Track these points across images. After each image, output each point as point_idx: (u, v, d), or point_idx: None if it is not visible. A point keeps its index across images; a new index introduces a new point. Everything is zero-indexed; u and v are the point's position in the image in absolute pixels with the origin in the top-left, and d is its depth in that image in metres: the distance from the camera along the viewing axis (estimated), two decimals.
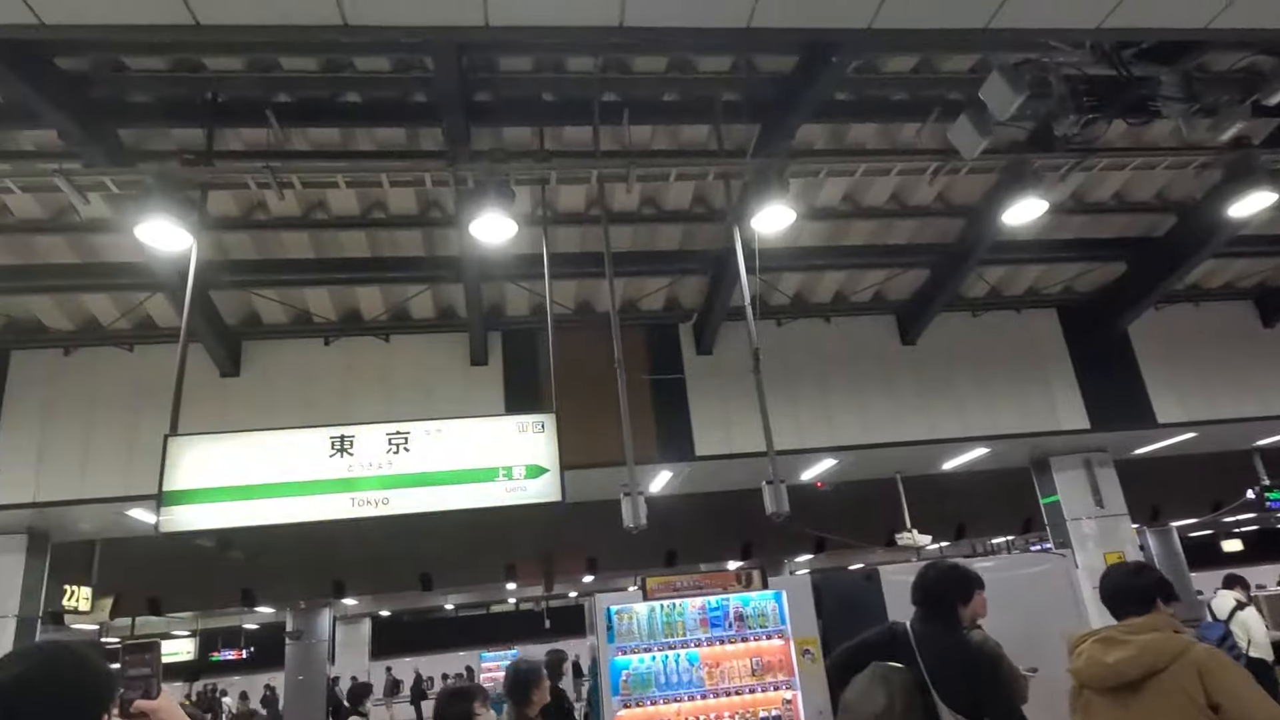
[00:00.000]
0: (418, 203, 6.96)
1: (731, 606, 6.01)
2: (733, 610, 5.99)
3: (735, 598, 6.01)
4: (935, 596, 3.06)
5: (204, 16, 2.54)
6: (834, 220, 7.83)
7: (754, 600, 6.07)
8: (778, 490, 5.29)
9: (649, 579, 5.92)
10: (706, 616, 5.94)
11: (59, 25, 2.51)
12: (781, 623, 6.08)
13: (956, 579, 3.12)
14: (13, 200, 6.35)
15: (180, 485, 4.73)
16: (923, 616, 3.03)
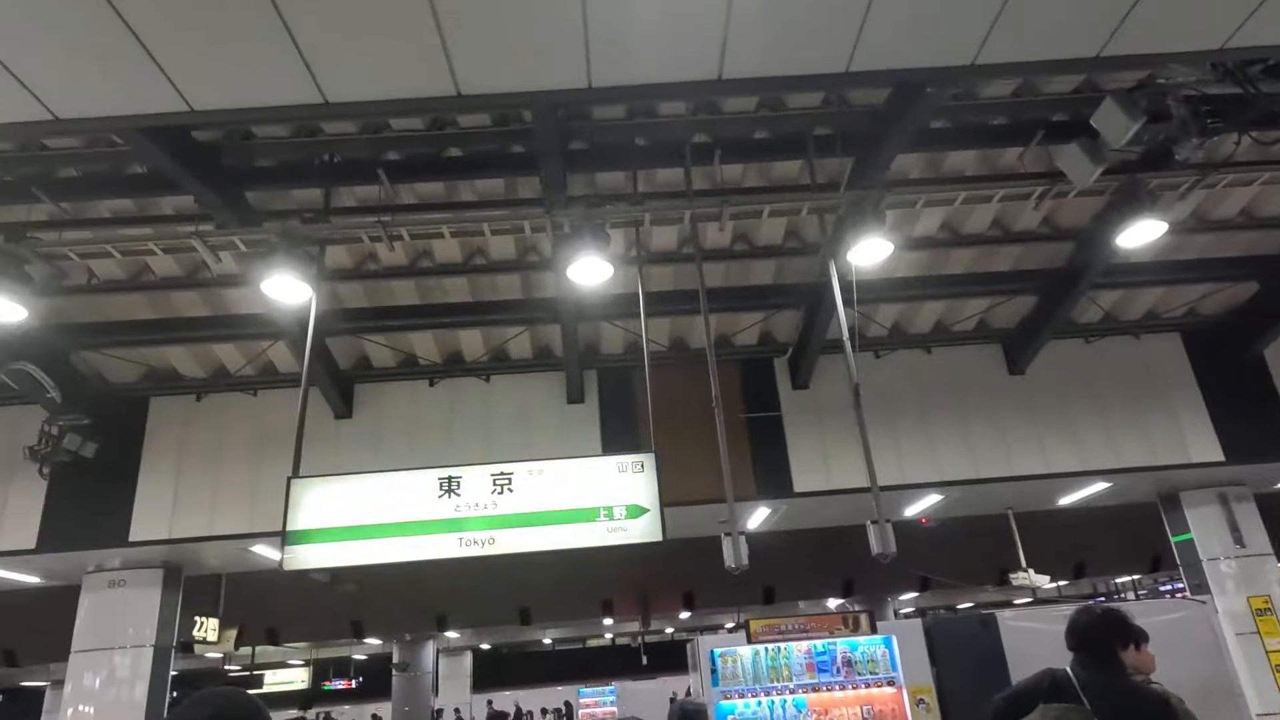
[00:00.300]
0: (516, 248, 7.20)
1: (839, 651, 5.83)
2: (840, 655, 5.81)
3: (843, 642, 5.84)
4: (1092, 641, 2.91)
5: (332, 95, 2.76)
6: (932, 249, 7.64)
7: (863, 645, 5.87)
8: (883, 530, 5.13)
9: (752, 621, 5.83)
10: (813, 661, 5.79)
11: (206, 110, 2.78)
12: (893, 669, 5.86)
13: (1113, 623, 2.97)
14: (154, 260, 6.93)
15: (301, 525, 4.99)
16: (1083, 662, 2.90)
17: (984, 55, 2.96)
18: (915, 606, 22.16)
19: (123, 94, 2.72)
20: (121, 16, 2.38)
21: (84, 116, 2.81)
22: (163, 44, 2.50)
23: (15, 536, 7.82)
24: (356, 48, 2.66)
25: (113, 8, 2.36)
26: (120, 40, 2.47)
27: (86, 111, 2.78)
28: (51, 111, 2.70)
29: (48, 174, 6.01)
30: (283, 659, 24.78)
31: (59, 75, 2.59)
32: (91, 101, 2.75)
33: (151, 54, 2.51)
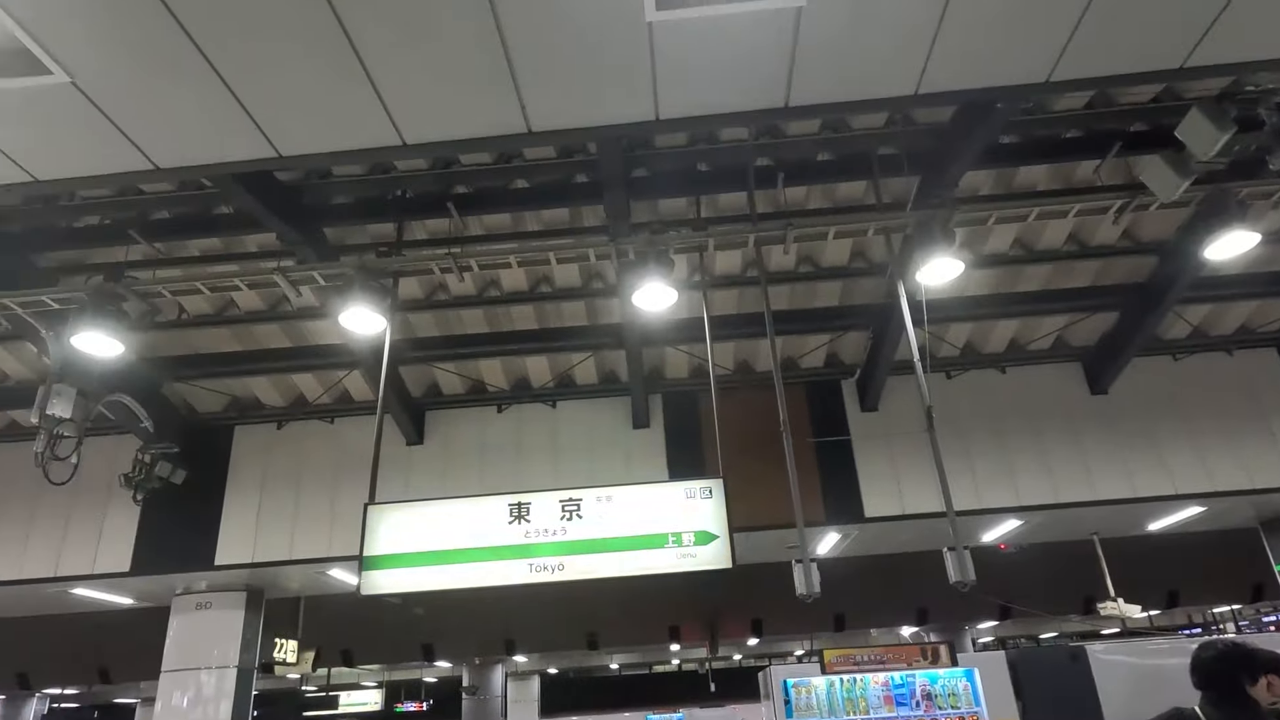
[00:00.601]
0: (581, 275, 7.30)
1: (918, 684, 5.63)
2: (920, 688, 5.61)
3: (922, 674, 5.64)
4: (1219, 678, 2.77)
5: (410, 138, 2.88)
6: (1005, 266, 7.44)
7: (943, 678, 5.66)
8: (961, 557, 4.96)
9: (827, 651, 5.68)
10: (891, 694, 5.61)
11: (293, 156, 2.94)
12: (975, 704, 5.63)
13: (1240, 658, 2.82)
14: (239, 295, 7.27)
15: (377, 551, 5.11)
16: (1212, 700, 2.76)
17: (1060, 72, 2.89)
18: (994, 636, 21.30)
19: (218, 143, 2.90)
20: (217, 71, 2.54)
21: (182, 165, 3.00)
22: (255, 96, 2.66)
23: (111, 559, 8.22)
24: (433, 93, 2.77)
25: (210, 65, 2.52)
26: (217, 94, 2.64)
27: (185, 161, 2.97)
28: (153, 162, 2.90)
29: (143, 217, 6.38)
30: (357, 680, 25.28)
31: (161, 129, 2.78)
32: (190, 151, 2.94)
33: (245, 106, 2.67)
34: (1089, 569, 10.05)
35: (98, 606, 9.89)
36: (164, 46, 2.49)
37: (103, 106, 2.71)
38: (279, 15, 2.47)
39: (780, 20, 2.63)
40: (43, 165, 3.04)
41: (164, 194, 6.15)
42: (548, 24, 2.55)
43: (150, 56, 2.53)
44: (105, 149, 2.86)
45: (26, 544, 8.37)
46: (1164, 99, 5.84)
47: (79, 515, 8.43)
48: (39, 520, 8.45)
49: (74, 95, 2.67)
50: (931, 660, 5.63)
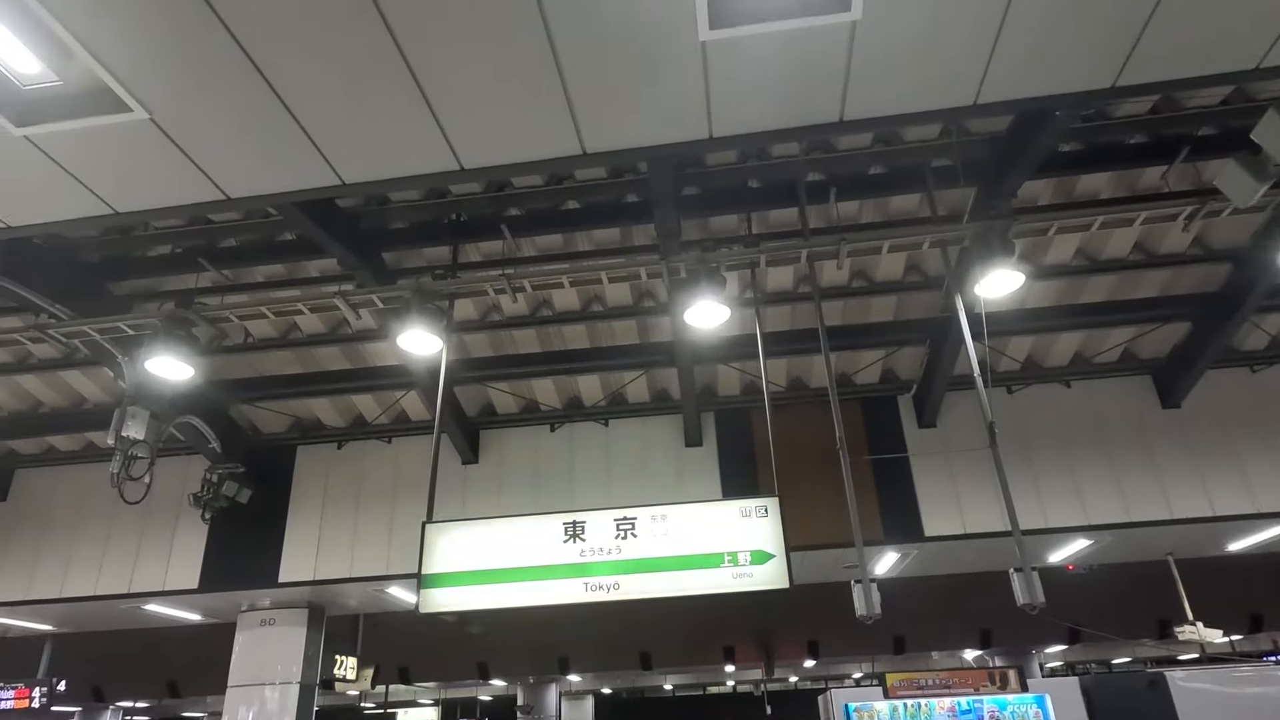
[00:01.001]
0: (632, 294, 7.33)
1: (986, 710, 5.43)
2: (988, 714, 5.42)
3: (990, 700, 5.43)
4: None
5: (468, 162, 2.94)
6: (1067, 277, 7.23)
7: (1012, 704, 5.45)
8: (1029, 578, 4.79)
9: (889, 674, 5.53)
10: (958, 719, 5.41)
11: (356, 183, 3.04)
12: None
13: None
14: (302, 319, 7.49)
15: (436, 569, 5.18)
16: None
17: (1126, 76, 2.80)
18: (1062, 661, 20.49)
19: (286, 173, 3.02)
20: (285, 105, 2.64)
21: (252, 195, 3.13)
22: (320, 127, 2.76)
23: (181, 577, 8.49)
24: (490, 118, 2.83)
25: (278, 98, 2.62)
26: (284, 126, 2.74)
27: (254, 190, 3.10)
28: (224, 192, 3.02)
29: (211, 245, 6.63)
30: (413, 698, 25.54)
31: (232, 161, 2.90)
32: (259, 181, 3.06)
33: (311, 137, 2.77)
34: (1164, 591, 9.60)
35: (167, 622, 10.20)
36: (236, 82, 2.61)
37: (178, 141, 2.84)
38: (343, 48, 2.56)
39: (834, 34, 2.62)
40: (122, 198, 3.20)
41: (231, 223, 6.40)
42: (602, 48, 2.59)
43: (223, 92, 2.66)
44: (180, 181, 3.00)
45: (103, 561, 8.70)
46: (1234, 100, 5.64)
47: (151, 534, 8.74)
48: (114, 538, 8.78)
49: (152, 131, 2.81)
50: (1000, 685, 5.42)
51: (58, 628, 10.45)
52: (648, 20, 2.52)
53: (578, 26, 2.50)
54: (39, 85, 2.81)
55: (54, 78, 2.78)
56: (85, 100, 2.76)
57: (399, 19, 2.51)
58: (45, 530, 8.94)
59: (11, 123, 2.85)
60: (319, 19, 2.51)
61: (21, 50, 2.62)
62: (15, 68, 2.73)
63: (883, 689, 5.50)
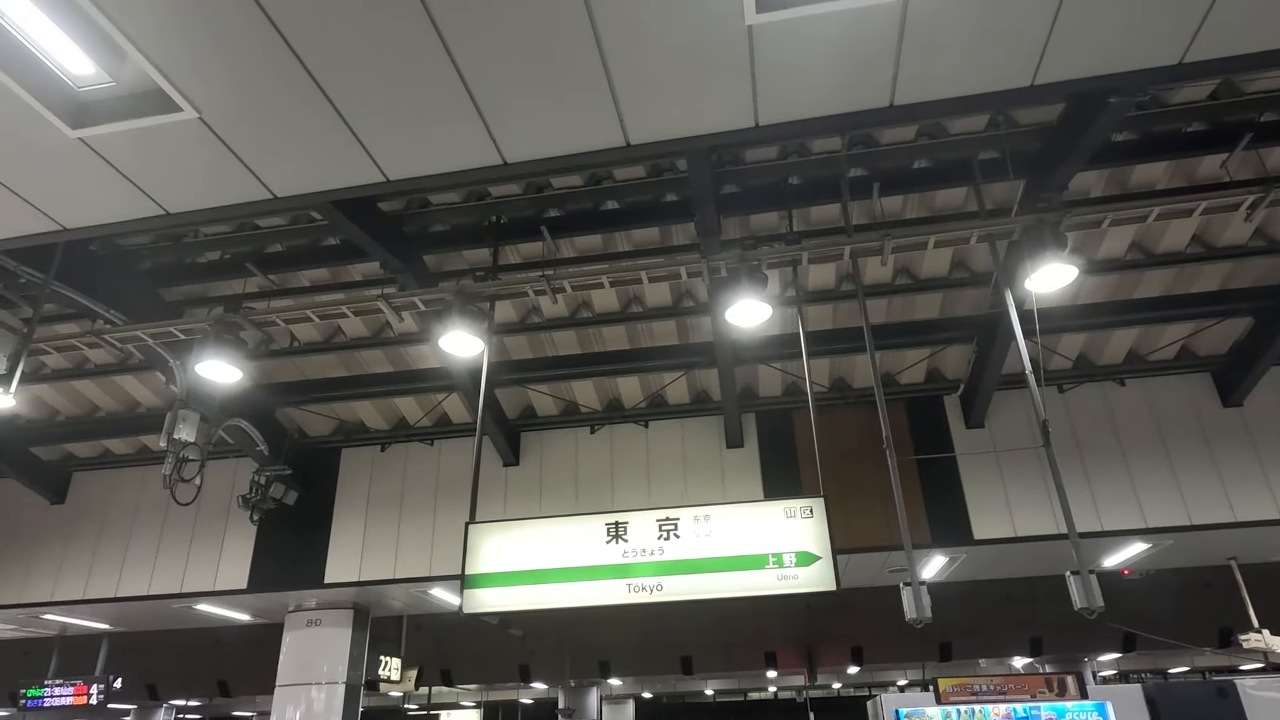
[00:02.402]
0: (672, 294, 7.29)
1: (1044, 718, 5.24)
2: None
3: (1048, 707, 5.24)
4: None
5: (510, 156, 2.93)
6: (1121, 272, 7.00)
7: (1071, 712, 5.25)
8: (1087, 582, 4.62)
9: (942, 680, 5.38)
10: None
11: (400, 180, 3.05)
12: None
13: None
14: (345, 323, 7.59)
15: (479, 569, 5.18)
16: None
17: (1194, 51, 2.66)
18: (1116, 670, 19.86)
19: (331, 171, 3.04)
20: (331, 102, 2.65)
21: (298, 193, 3.16)
22: (365, 124, 2.77)
23: (230, 577, 8.65)
24: (533, 112, 2.81)
25: (325, 96, 2.64)
26: (330, 124, 2.76)
27: (300, 188, 3.13)
28: (271, 191, 3.06)
29: (258, 251, 6.75)
30: (456, 700, 25.74)
31: (279, 159, 2.94)
32: (304, 179, 3.09)
33: (356, 134, 2.79)
34: (1227, 597, 9.24)
35: (218, 622, 10.40)
36: (283, 82, 2.64)
37: (227, 140, 2.88)
38: (388, 44, 2.56)
39: (885, 15, 2.54)
40: (173, 199, 3.25)
41: (277, 228, 6.50)
42: (646, 35, 2.55)
43: (270, 91, 2.68)
44: (228, 180, 3.04)
45: (156, 562, 8.91)
46: None
47: (201, 535, 8.92)
48: (167, 540, 8.98)
49: (201, 131, 2.85)
50: (1058, 692, 5.23)
51: (114, 626, 10.73)
52: (693, 5, 2.47)
53: (621, 14, 2.47)
54: (92, 87, 2.88)
55: (107, 79, 2.84)
56: (137, 101, 2.81)
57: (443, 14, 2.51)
58: (101, 532, 9.18)
59: (68, 125, 2.92)
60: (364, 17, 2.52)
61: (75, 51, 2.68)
62: (69, 69, 2.80)
63: (935, 694, 5.34)
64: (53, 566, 9.13)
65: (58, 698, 10.60)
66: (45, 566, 9.13)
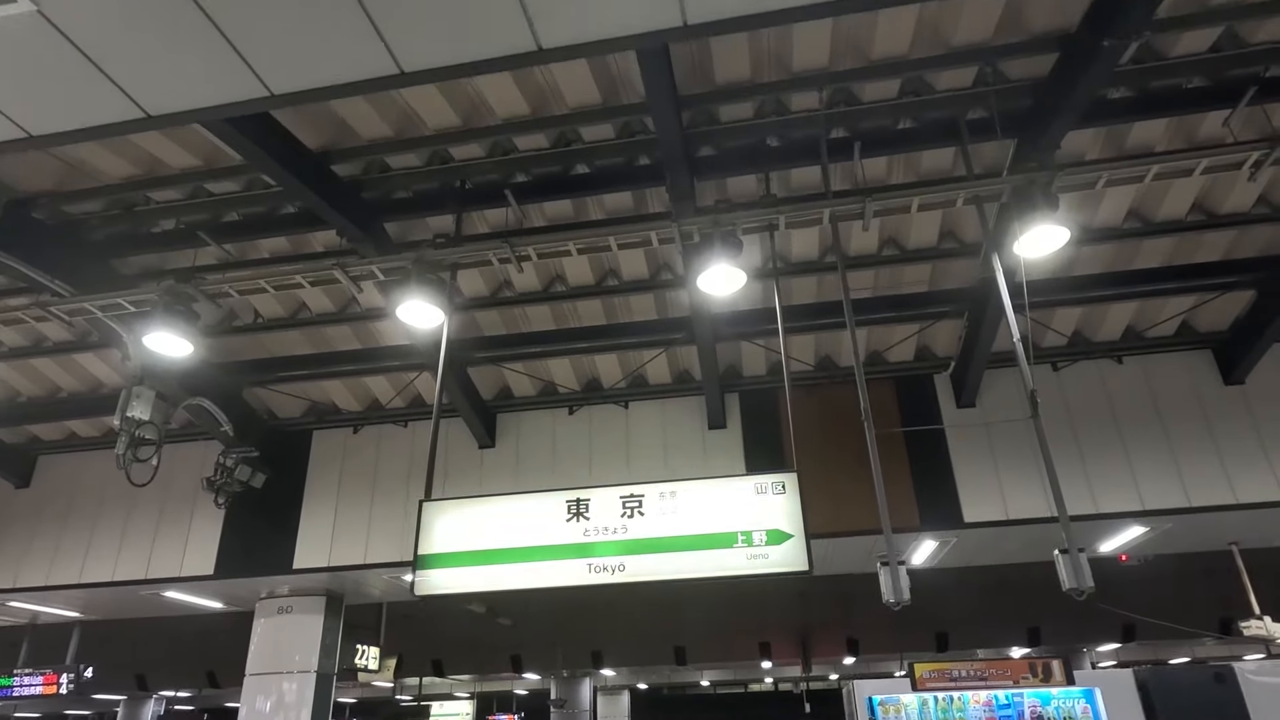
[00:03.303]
0: (648, 266, 6.98)
1: (1027, 706, 4.93)
2: (1029, 710, 4.90)
3: (1031, 694, 4.92)
4: None
5: (407, 65, 2.62)
6: (1118, 241, 6.69)
7: (1056, 699, 4.94)
8: (1075, 561, 4.32)
9: (918, 665, 5.08)
10: (995, 715, 4.92)
11: (286, 94, 2.74)
12: None
13: None
14: (310, 298, 7.29)
15: (433, 549, 4.90)
16: None
17: None
18: (1116, 660, 19.59)
19: (207, 85, 2.73)
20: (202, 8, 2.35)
21: (173, 111, 2.85)
22: (240, 31, 2.46)
23: (197, 563, 8.39)
24: (428, 11, 2.49)
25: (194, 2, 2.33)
26: (202, 32, 2.45)
27: (175, 106, 2.82)
28: (143, 108, 2.75)
29: (215, 219, 6.45)
30: (449, 691, 25.56)
31: (148, 72, 2.63)
32: (179, 95, 2.78)
33: (231, 42, 2.48)
34: (1228, 583, 8.94)
35: (191, 610, 10.14)
36: None
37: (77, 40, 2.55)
38: None
39: None
40: (33, 116, 2.93)
41: (231, 194, 6.21)
42: None
43: None
44: (91, 95, 2.71)
45: (121, 547, 8.64)
46: None
47: (168, 520, 8.66)
48: (133, 524, 8.72)
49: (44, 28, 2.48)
50: (1043, 678, 4.91)
51: (85, 614, 10.47)
52: None
53: None
54: None
55: None
56: None
57: None
58: (67, 516, 8.92)
59: None
60: None
61: None
62: None
63: (911, 680, 5.03)
64: (17, 552, 8.87)
65: (27, 687, 10.36)
66: (9, 552, 8.87)
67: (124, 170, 5.91)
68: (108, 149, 5.60)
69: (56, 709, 27.14)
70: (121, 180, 5.97)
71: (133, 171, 5.92)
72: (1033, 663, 4.96)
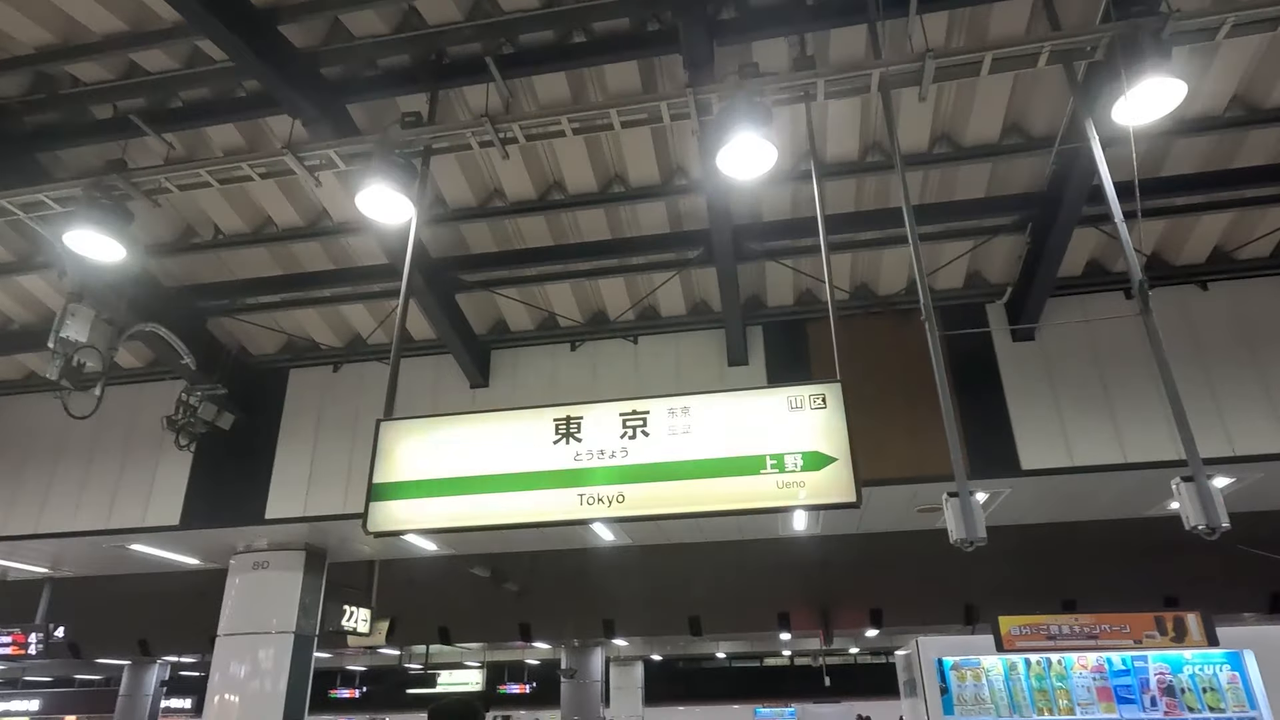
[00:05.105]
0: (659, 168, 6.00)
1: (1153, 672, 3.94)
2: (1155, 678, 3.92)
3: (1158, 657, 3.90)
4: None
5: None
6: (1217, 134, 5.64)
7: (1191, 663, 3.91)
8: (1204, 490, 3.34)
9: (1004, 619, 4.11)
10: (1109, 684, 3.96)
11: None
12: (1250, 706, 3.80)
13: None
14: (274, 209, 6.40)
15: (391, 478, 4.01)
16: None
17: None
18: None
19: None
20: None
21: None
22: None
23: (161, 512, 7.60)
24: None
25: None
26: None
27: None
28: None
29: (158, 106, 5.56)
30: (459, 660, 25.02)
31: None
32: None
33: None
34: None
35: (166, 567, 9.42)
36: None
37: None
38: None
39: None
40: None
41: (171, 72, 5.30)
42: None
43: None
44: None
45: (81, 495, 7.87)
46: None
47: (132, 466, 7.87)
48: (95, 471, 7.94)
49: None
50: (1174, 636, 3.89)
51: (54, 570, 9.77)
52: None
53: None
54: None
55: None
56: None
57: None
58: (24, 462, 8.15)
59: None
60: None
61: None
62: None
63: (995, 639, 4.05)
64: None
65: None
66: None
67: (38, 37, 5.01)
68: (11, 5, 4.70)
69: (66, 673, 26.95)
70: (36, 49, 5.07)
71: (48, 39, 5.01)
72: (1160, 617, 3.96)
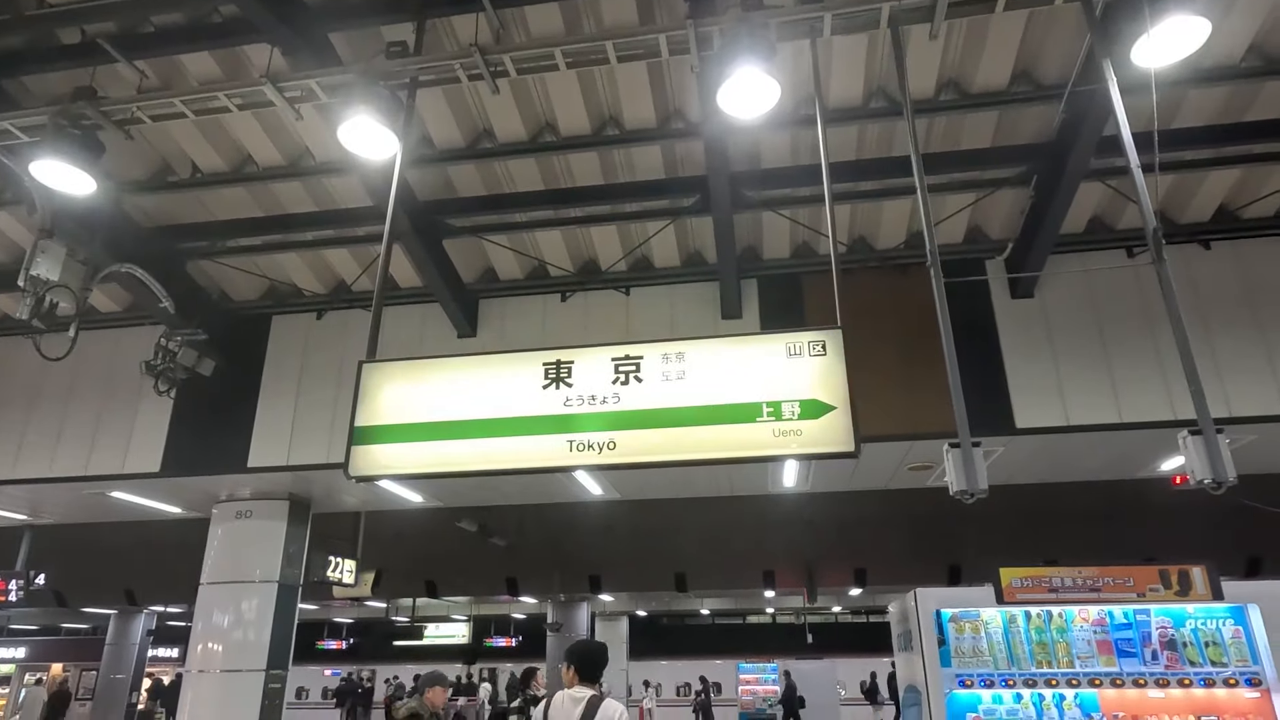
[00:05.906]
0: (656, 110, 5.77)
1: (1155, 625, 3.89)
2: (1158, 631, 3.87)
3: (1161, 610, 3.85)
4: None
5: None
6: (1230, 84, 5.46)
7: (1193, 617, 3.86)
8: (1211, 443, 3.26)
9: (1005, 570, 4.06)
10: (1109, 638, 3.92)
11: None
12: (1253, 660, 3.77)
13: None
14: (254, 147, 6.15)
15: (375, 421, 3.87)
16: None
17: None
18: None
19: None
20: None
21: None
22: None
23: (141, 459, 7.46)
24: None
25: None
26: None
27: None
28: None
29: (130, 30, 5.28)
30: (446, 614, 25.23)
31: None
32: None
33: None
34: None
35: (147, 515, 9.31)
36: None
37: None
38: None
39: None
40: None
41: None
42: None
43: None
44: None
45: (59, 441, 7.70)
46: None
47: (111, 412, 7.69)
48: (72, 416, 7.76)
49: None
50: (1178, 590, 3.84)
51: (34, 518, 9.64)
52: None
53: None
54: None
55: None
56: None
57: None
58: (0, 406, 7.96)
59: None
60: None
61: None
62: None
63: (995, 591, 4.00)
64: None
65: None
66: None
67: None
68: None
69: (52, 622, 27.00)
70: None
71: None
72: (1165, 570, 3.90)
